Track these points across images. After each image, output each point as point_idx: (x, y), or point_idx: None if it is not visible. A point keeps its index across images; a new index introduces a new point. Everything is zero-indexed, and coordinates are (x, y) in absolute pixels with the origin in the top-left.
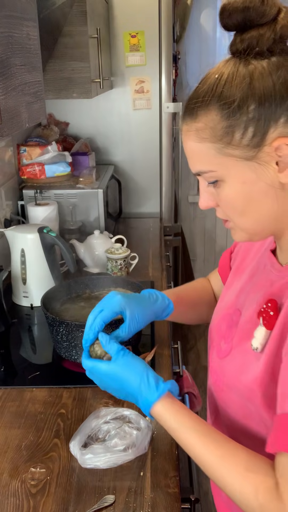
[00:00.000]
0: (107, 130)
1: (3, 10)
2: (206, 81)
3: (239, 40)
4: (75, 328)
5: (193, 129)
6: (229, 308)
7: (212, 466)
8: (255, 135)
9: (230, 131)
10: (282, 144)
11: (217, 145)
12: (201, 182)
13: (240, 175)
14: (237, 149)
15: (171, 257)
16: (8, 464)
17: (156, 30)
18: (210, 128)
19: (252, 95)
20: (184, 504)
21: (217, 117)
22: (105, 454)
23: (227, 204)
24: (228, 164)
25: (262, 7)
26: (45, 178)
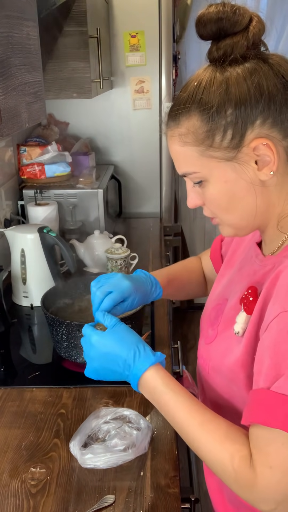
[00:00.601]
0: (107, 130)
1: (3, 10)
2: (187, 89)
3: (215, 49)
4: (75, 328)
5: (176, 134)
6: (219, 299)
7: (192, 432)
8: (234, 137)
9: (210, 135)
10: (259, 144)
11: (200, 148)
12: (188, 182)
13: (222, 175)
14: (218, 151)
15: (171, 257)
16: (8, 464)
17: (156, 30)
18: (192, 133)
19: (229, 100)
20: (184, 504)
21: (198, 122)
22: (105, 454)
23: (212, 202)
24: (210, 165)
25: (234, 17)
26: (45, 178)
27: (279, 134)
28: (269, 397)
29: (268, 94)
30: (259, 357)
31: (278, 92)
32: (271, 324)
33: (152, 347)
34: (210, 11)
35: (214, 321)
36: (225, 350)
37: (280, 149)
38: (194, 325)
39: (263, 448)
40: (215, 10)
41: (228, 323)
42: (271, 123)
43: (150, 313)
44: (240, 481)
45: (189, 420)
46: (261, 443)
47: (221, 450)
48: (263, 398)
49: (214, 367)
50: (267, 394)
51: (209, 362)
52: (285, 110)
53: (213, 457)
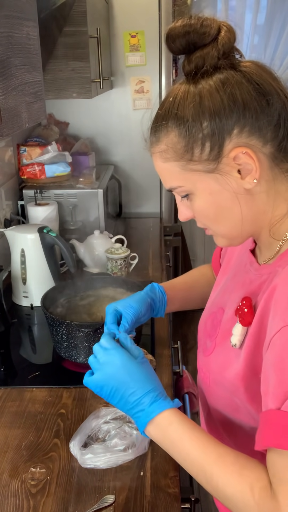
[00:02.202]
0: (107, 130)
1: (3, 10)
2: (164, 105)
3: (187, 62)
4: (75, 328)
5: (157, 151)
6: (214, 307)
7: (207, 466)
8: (212, 149)
9: (189, 148)
10: (239, 153)
11: (180, 163)
12: (176, 196)
13: (206, 187)
14: (199, 164)
15: (171, 257)
16: (8, 464)
17: (156, 30)
18: (171, 148)
19: (203, 113)
20: (184, 504)
21: (176, 137)
22: (105, 454)
23: (200, 214)
24: (193, 179)
25: (202, 29)
26: (45, 178)
27: (259, 142)
28: (280, 418)
29: (242, 102)
30: (265, 376)
31: (252, 100)
32: (273, 339)
33: (152, 347)
34: (177, 25)
35: (212, 332)
36: (224, 362)
37: (261, 156)
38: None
39: (282, 475)
40: (181, 24)
41: (225, 335)
42: (249, 131)
43: None
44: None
45: (205, 455)
46: (279, 470)
47: (240, 482)
48: (274, 420)
49: (215, 380)
50: (278, 415)
51: (209, 375)
52: (262, 116)
53: (233, 490)
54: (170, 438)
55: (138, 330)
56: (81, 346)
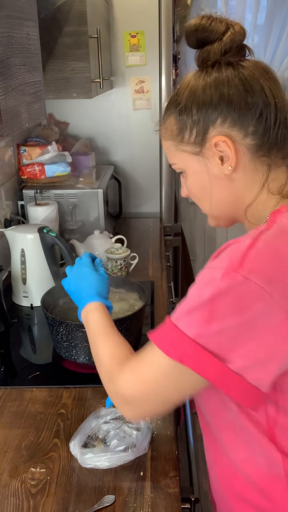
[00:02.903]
0: (107, 130)
1: (3, 10)
2: (175, 91)
3: (197, 56)
4: (75, 328)
5: (162, 131)
6: None
7: (98, 338)
8: (198, 135)
9: (180, 131)
10: (219, 141)
11: (174, 143)
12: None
13: (192, 167)
14: (188, 146)
15: (171, 257)
16: (8, 464)
17: (156, 30)
18: (169, 129)
19: (194, 102)
20: (184, 504)
21: (173, 120)
22: (105, 454)
23: (189, 191)
24: (183, 158)
25: (210, 27)
26: (45, 178)
27: (239, 133)
28: (167, 325)
29: (227, 98)
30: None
31: (238, 96)
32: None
33: None
34: (191, 23)
35: None
36: None
37: (240, 147)
38: None
39: (141, 356)
40: (194, 22)
41: None
42: (230, 123)
43: (150, 313)
44: (109, 372)
45: (99, 331)
46: (141, 353)
47: (110, 355)
48: (164, 325)
49: None
50: (168, 322)
51: None
52: (245, 112)
53: (102, 356)
54: (90, 323)
55: (138, 330)
56: (81, 346)
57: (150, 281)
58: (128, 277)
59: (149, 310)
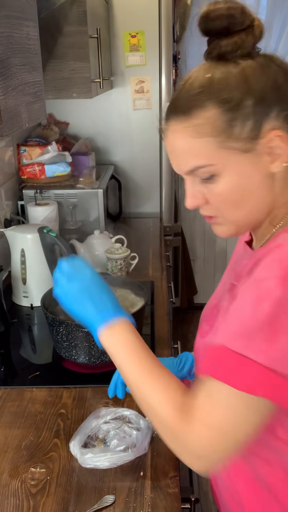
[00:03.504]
0: (107, 130)
1: (3, 10)
2: (195, 81)
3: (224, 44)
4: (75, 328)
5: (190, 125)
6: (214, 299)
7: (138, 377)
8: (253, 128)
9: (230, 125)
10: (274, 136)
11: (218, 139)
12: (189, 181)
13: (238, 167)
14: (237, 142)
15: (171, 257)
16: (8, 464)
17: (156, 30)
18: (210, 123)
19: (248, 91)
20: (184, 504)
21: (217, 112)
22: (105, 454)
23: (221, 198)
24: (227, 157)
25: (243, 15)
26: (45, 178)
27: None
28: (222, 353)
29: (281, 87)
30: (225, 317)
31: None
32: (242, 288)
33: (153, 347)
34: (221, 6)
35: (211, 316)
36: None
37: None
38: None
39: (205, 400)
40: (225, 6)
41: (221, 315)
42: (285, 115)
43: (150, 313)
44: (174, 430)
45: (138, 367)
46: (204, 395)
47: (164, 397)
48: (216, 353)
49: None
50: (221, 350)
51: (202, 355)
52: None
53: (154, 402)
54: (121, 346)
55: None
56: (81, 346)
57: (150, 281)
58: (128, 277)
59: (149, 310)
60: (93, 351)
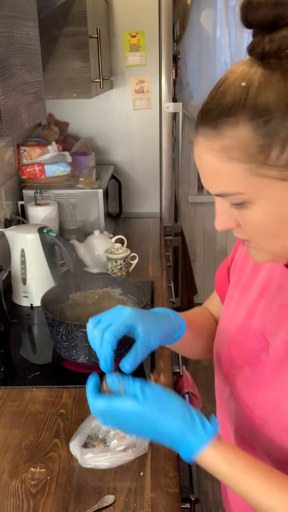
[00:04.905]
0: (107, 130)
1: (3, 10)
2: (229, 89)
3: (268, 40)
4: (75, 328)
5: (218, 147)
6: (246, 330)
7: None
8: None
9: (266, 150)
10: None
11: (250, 166)
12: (220, 202)
13: (274, 196)
14: (273, 170)
15: (171, 257)
16: (8, 464)
17: (156, 30)
18: (241, 147)
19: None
20: (184, 504)
21: (250, 133)
22: (105, 454)
23: (255, 227)
24: (260, 186)
25: None
26: (45, 178)
27: None
28: None
29: None
30: None
31: None
32: None
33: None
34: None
35: (255, 359)
36: (282, 397)
37: None
38: None
39: None
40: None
41: (279, 366)
42: None
43: None
44: None
45: (272, 501)
46: None
47: None
48: None
49: (263, 416)
50: None
51: (256, 411)
52: None
53: None
54: (224, 481)
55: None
56: (81, 346)
57: (150, 281)
58: (128, 277)
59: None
60: (93, 351)
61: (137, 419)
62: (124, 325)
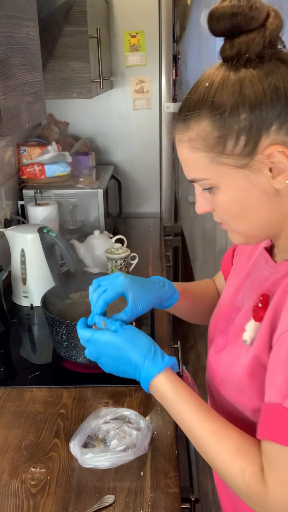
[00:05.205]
0: (107, 130)
1: (3, 10)
2: (197, 90)
3: (229, 46)
4: (75, 328)
5: (186, 138)
6: (228, 305)
7: (204, 441)
8: (247, 144)
9: (222, 141)
10: (275, 151)
11: (210, 154)
12: (197, 188)
13: (233, 182)
14: (230, 158)
15: (171, 257)
16: (8, 464)
17: (156, 30)
18: (202, 138)
19: (243, 104)
20: (184, 504)
21: (209, 126)
22: (105, 454)
23: (222, 209)
24: (221, 172)
25: (250, 12)
26: (45, 178)
27: None
28: (280, 413)
29: (285, 97)
30: (272, 369)
31: None
32: (283, 336)
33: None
34: (224, 5)
35: (225, 329)
36: (234, 359)
37: None
38: (194, 325)
39: (275, 464)
40: (229, 4)
41: (238, 332)
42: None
43: (150, 313)
44: (252, 496)
45: (200, 429)
46: (273, 460)
47: (232, 463)
48: (275, 414)
49: (223, 377)
50: (279, 409)
51: (218, 372)
52: None
53: (225, 469)
54: (167, 407)
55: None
56: (81, 346)
57: None
58: None
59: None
60: None
61: (112, 348)
62: (115, 292)
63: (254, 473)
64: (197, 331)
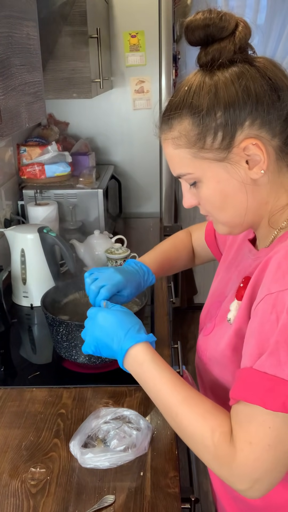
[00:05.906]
0: (107, 130)
1: (3, 10)
2: (178, 93)
3: (204, 54)
4: (75, 328)
5: (169, 137)
6: (218, 296)
7: (174, 406)
8: (224, 139)
9: (202, 137)
10: (249, 144)
11: (192, 150)
12: (183, 183)
13: (215, 175)
14: (210, 152)
15: None
16: (8, 464)
17: (156, 30)
18: (184, 136)
19: (218, 103)
20: (184, 504)
21: (190, 125)
22: (105, 454)
23: (206, 201)
24: (203, 166)
25: (221, 23)
26: (45, 178)
27: (268, 134)
28: (250, 375)
29: (255, 96)
30: (247, 339)
31: (265, 94)
32: (257, 306)
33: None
34: (198, 18)
35: (213, 314)
36: (219, 338)
37: (269, 148)
38: (194, 325)
39: (243, 424)
40: (202, 17)
41: (223, 314)
42: (260, 123)
43: (150, 313)
44: (219, 457)
45: (173, 395)
46: (242, 419)
47: (202, 424)
48: (245, 376)
49: (210, 357)
50: (249, 372)
51: (206, 352)
52: (273, 111)
53: (193, 431)
54: (142, 376)
55: None
56: (81, 346)
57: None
58: None
59: (149, 310)
60: None
61: (104, 320)
62: (116, 288)
63: (223, 433)
64: (197, 331)
